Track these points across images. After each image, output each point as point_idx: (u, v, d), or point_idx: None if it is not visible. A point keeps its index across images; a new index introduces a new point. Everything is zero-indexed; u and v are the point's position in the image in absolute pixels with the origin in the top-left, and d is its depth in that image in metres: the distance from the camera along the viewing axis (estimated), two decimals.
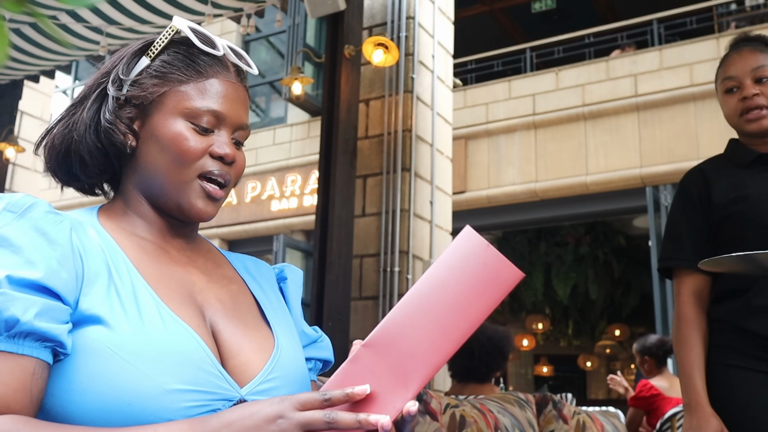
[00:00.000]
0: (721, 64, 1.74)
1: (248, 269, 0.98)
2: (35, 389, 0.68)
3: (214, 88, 0.87)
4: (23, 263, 0.70)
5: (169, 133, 0.85)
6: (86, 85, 0.92)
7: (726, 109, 1.72)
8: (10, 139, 5.25)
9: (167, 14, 4.25)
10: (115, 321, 0.74)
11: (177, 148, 0.84)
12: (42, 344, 0.69)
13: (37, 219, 0.75)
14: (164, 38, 0.88)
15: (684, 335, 1.64)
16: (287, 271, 1.04)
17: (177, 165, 0.85)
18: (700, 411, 1.57)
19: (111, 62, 0.91)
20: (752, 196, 1.61)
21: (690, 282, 1.67)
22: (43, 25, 4.01)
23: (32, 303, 0.68)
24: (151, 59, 0.87)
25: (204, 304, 0.85)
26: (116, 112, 0.86)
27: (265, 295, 0.96)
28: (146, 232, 0.88)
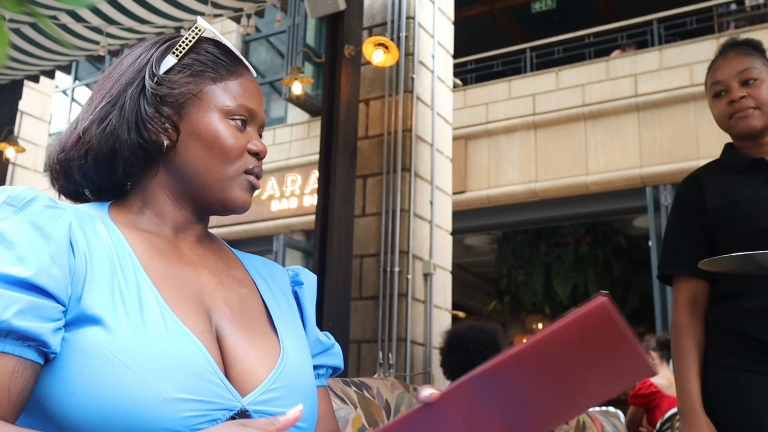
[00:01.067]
0: (709, 69, 1.77)
1: (259, 271, 0.97)
2: (14, 388, 0.67)
3: (243, 86, 0.90)
4: (14, 259, 0.69)
5: (212, 131, 0.86)
6: (113, 85, 0.89)
7: (715, 113, 1.74)
8: (10, 139, 5.25)
9: (167, 14, 4.25)
10: (117, 323, 0.72)
11: (221, 146, 0.86)
12: (24, 343, 0.67)
13: (35, 213, 0.73)
14: (191, 38, 0.89)
15: (680, 342, 1.67)
16: (303, 275, 1.02)
17: (221, 161, 0.86)
18: (693, 417, 1.59)
19: (138, 62, 0.89)
20: (744, 201, 1.63)
21: (687, 288, 1.70)
22: (43, 25, 4.01)
23: (14, 300, 0.67)
24: (179, 58, 0.88)
25: (212, 307, 0.83)
26: (159, 109, 0.86)
27: (275, 299, 0.94)
28: (160, 229, 0.87)
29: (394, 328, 4.10)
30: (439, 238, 4.58)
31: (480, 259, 10.95)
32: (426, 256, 4.39)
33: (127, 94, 0.86)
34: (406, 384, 1.67)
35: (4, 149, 5.26)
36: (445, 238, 4.68)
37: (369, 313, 4.17)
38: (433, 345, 4.24)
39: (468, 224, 8.07)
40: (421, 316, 4.28)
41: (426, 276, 4.36)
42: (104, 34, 4.37)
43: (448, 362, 3.29)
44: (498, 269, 10.47)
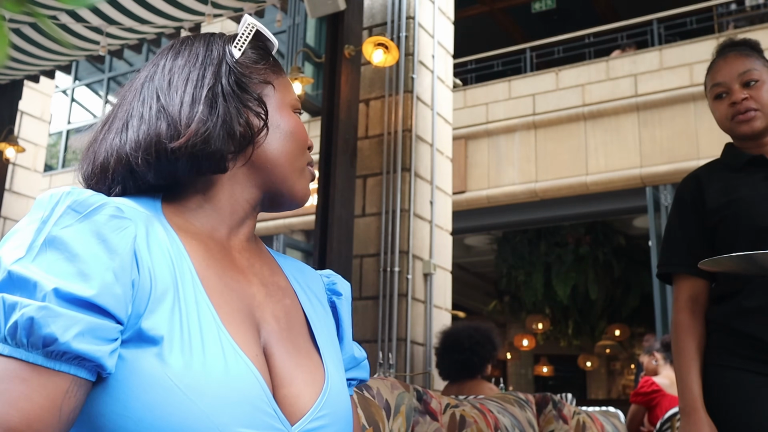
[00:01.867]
0: (709, 71, 1.76)
1: (297, 278, 0.94)
2: (66, 407, 0.64)
3: (289, 82, 0.93)
4: (76, 275, 0.65)
5: (291, 123, 0.89)
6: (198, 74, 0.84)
7: (717, 115, 1.74)
8: (10, 139, 5.25)
9: (167, 14, 4.25)
10: (176, 346, 0.70)
11: (300, 137, 0.89)
12: (80, 363, 0.65)
13: (101, 223, 0.69)
14: (248, 33, 0.89)
15: (680, 341, 1.68)
16: (340, 285, 0.99)
17: (299, 153, 0.89)
18: (694, 416, 1.59)
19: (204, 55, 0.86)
20: (743, 199, 1.63)
21: (687, 287, 1.70)
22: (43, 25, 4.01)
23: (75, 322, 0.64)
24: (242, 52, 0.88)
25: (261, 321, 0.81)
26: (251, 95, 0.86)
27: (314, 310, 0.92)
28: (215, 228, 0.84)
29: (394, 328, 4.10)
30: (439, 238, 4.58)
31: (480, 259, 10.95)
32: (426, 256, 4.39)
33: (223, 81, 0.83)
34: (406, 384, 1.67)
35: (4, 149, 5.26)
36: (445, 238, 4.68)
37: (369, 313, 4.17)
38: (433, 345, 4.24)
39: (468, 224, 8.07)
40: (421, 316, 4.28)
41: (426, 276, 4.36)
42: (104, 34, 4.37)
43: (444, 362, 3.29)
44: (498, 269, 10.47)
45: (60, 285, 0.64)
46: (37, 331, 0.62)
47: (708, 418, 1.58)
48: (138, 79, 0.87)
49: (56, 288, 0.64)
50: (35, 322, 0.62)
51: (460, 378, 3.18)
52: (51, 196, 0.70)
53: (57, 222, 0.68)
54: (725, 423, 1.58)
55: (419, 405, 1.69)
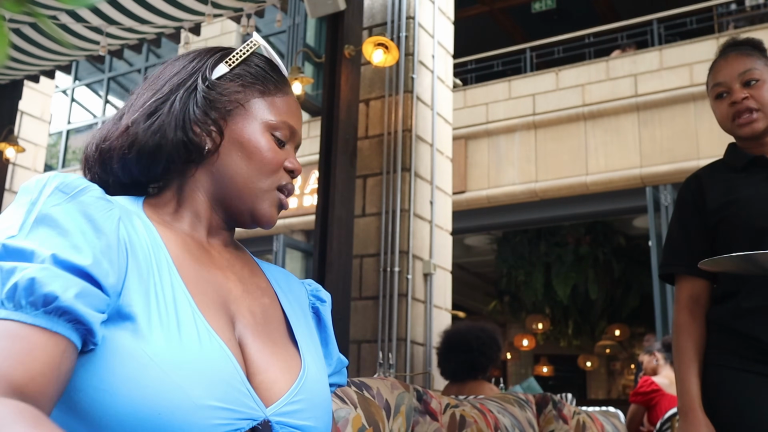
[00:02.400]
0: (710, 71, 1.77)
1: (280, 283, 0.97)
2: (64, 368, 0.66)
3: (287, 104, 0.92)
4: (70, 247, 0.69)
5: (255, 142, 0.88)
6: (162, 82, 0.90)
7: (718, 114, 1.74)
8: (10, 139, 5.25)
9: (167, 14, 4.25)
10: (152, 324, 0.72)
11: (261, 158, 0.88)
12: (75, 326, 0.67)
13: (88, 204, 0.73)
14: (246, 50, 0.91)
15: (680, 341, 1.68)
16: (323, 293, 1.03)
17: (258, 174, 0.88)
18: (692, 416, 1.60)
19: (191, 65, 0.90)
20: (743, 199, 1.63)
21: (688, 287, 1.71)
22: (43, 25, 4.01)
23: (74, 283, 0.67)
24: (231, 68, 0.90)
25: (236, 314, 0.84)
26: (207, 112, 0.87)
27: (294, 312, 0.94)
28: (195, 230, 0.88)
29: (394, 328, 4.10)
30: (439, 238, 4.58)
31: (480, 259, 10.95)
32: (426, 256, 4.39)
33: (178, 94, 0.87)
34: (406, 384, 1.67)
35: (4, 149, 5.26)
36: (445, 238, 4.68)
37: (369, 313, 4.17)
38: (433, 345, 4.24)
39: (468, 224, 8.07)
40: (421, 316, 4.28)
41: (426, 276, 4.36)
42: (104, 34, 4.37)
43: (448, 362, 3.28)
44: (498, 269, 10.47)
45: (57, 252, 0.67)
46: (38, 290, 0.64)
47: (705, 419, 1.59)
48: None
49: (54, 254, 0.67)
50: (36, 281, 0.64)
51: (465, 378, 3.19)
52: (37, 181, 0.73)
53: (46, 201, 0.71)
54: (724, 423, 1.58)
55: (419, 405, 1.70)
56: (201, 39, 5.29)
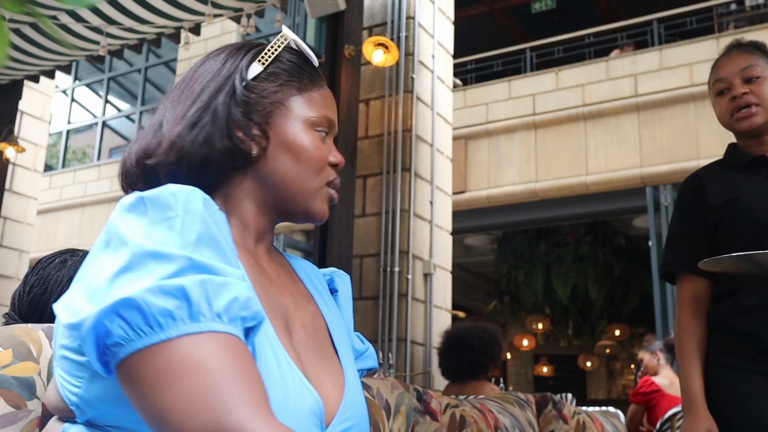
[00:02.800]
0: (712, 68, 1.77)
1: (310, 279, 0.95)
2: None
3: (324, 97, 0.90)
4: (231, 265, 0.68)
5: (300, 141, 0.86)
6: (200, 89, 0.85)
7: (718, 110, 1.75)
8: (10, 139, 5.25)
9: (167, 14, 4.25)
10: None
11: (309, 157, 0.86)
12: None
13: (220, 224, 0.70)
14: (276, 47, 0.88)
15: (682, 340, 1.69)
16: (337, 281, 1.01)
17: (308, 173, 0.86)
18: (694, 413, 1.61)
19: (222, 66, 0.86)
20: (744, 198, 1.63)
21: (689, 286, 1.71)
22: (43, 25, 4.01)
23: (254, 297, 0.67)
24: (265, 66, 0.86)
25: (292, 332, 0.82)
26: (249, 117, 0.84)
27: (330, 312, 0.93)
28: (245, 239, 0.86)
29: (394, 328, 4.10)
30: (439, 238, 4.58)
31: (480, 259, 10.95)
32: (426, 256, 4.39)
33: (219, 100, 0.84)
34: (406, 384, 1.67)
35: (4, 149, 5.26)
36: (445, 238, 4.68)
37: (369, 313, 4.17)
38: (433, 345, 4.24)
39: (468, 224, 8.07)
40: (421, 316, 4.28)
41: (426, 276, 4.36)
42: (104, 34, 4.37)
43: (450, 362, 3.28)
44: (498, 269, 10.47)
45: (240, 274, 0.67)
46: (252, 306, 0.65)
47: (708, 416, 1.59)
48: (175, 81, 0.90)
49: (243, 276, 0.67)
50: (250, 297, 0.65)
51: (466, 378, 3.18)
52: (175, 194, 0.69)
53: (202, 219, 0.68)
54: (726, 422, 1.59)
55: (419, 405, 1.70)
56: (201, 39, 5.29)
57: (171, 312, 0.60)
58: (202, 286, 0.62)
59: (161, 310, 0.60)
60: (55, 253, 1.54)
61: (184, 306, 0.61)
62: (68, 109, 12.18)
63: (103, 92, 11.80)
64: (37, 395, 0.87)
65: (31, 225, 6.37)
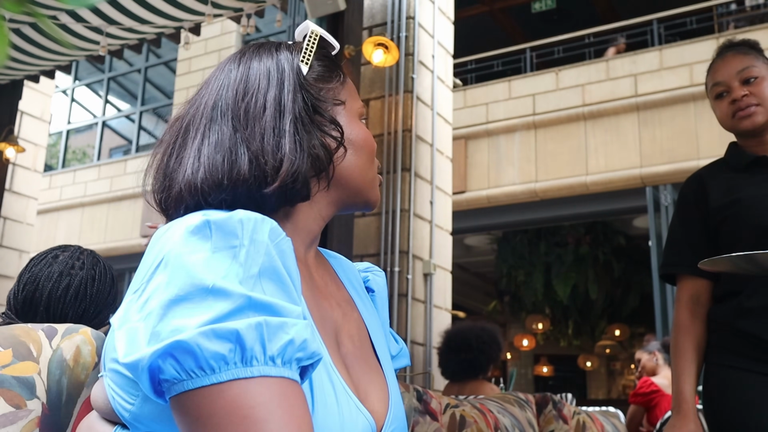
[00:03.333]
0: (708, 72, 1.78)
1: (349, 280, 0.93)
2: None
3: (354, 85, 0.91)
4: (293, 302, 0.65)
5: (361, 134, 0.87)
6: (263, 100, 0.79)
7: (718, 113, 1.75)
8: (10, 139, 5.25)
9: (167, 14, 4.25)
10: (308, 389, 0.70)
11: (369, 147, 0.87)
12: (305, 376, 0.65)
13: (287, 254, 0.67)
14: (312, 44, 0.85)
15: (678, 340, 1.69)
16: (373, 279, 0.99)
17: (369, 163, 0.88)
18: (682, 414, 1.62)
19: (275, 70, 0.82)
20: (746, 199, 1.63)
21: (689, 287, 1.71)
22: (43, 25, 4.01)
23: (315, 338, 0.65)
24: (309, 67, 0.84)
25: (340, 345, 0.81)
26: (325, 117, 0.83)
27: (370, 315, 0.91)
28: (296, 248, 0.80)
29: (394, 327, 4.10)
30: (439, 238, 4.58)
31: (480, 259, 10.95)
32: (426, 256, 4.39)
33: (300, 109, 0.79)
34: (406, 384, 1.67)
35: (4, 149, 5.26)
36: (445, 238, 4.68)
37: None
38: (433, 345, 4.24)
39: (468, 224, 8.07)
40: (421, 316, 4.28)
41: (426, 276, 4.36)
42: (104, 34, 4.37)
43: (449, 361, 3.28)
44: (498, 269, 10.47)
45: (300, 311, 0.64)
46: (308, 347, 0.62)
47: (696, 418, 1.60)
48: (207, 91, 0.82)
49: (302, 313, 0.64)
50: (308, 338, 0.62)
51: (465, 378, 3.18)
52: (242, 222, 0.65)
53: (266, 251, 0.65)
54: (726, 423, 1.58)
55: (419, 405, 1.70)
56: (201, 39, 5.29)
57: (224, 356, 0.59)
58: (257, 329, 0.60)
59: (214, 354, 0.59)
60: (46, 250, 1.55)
61: (238, 350, 0.59)
62: (68, 109, 12.18)
63: (103, 92, 11.80)
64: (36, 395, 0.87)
65: (31, 225, 6.37)
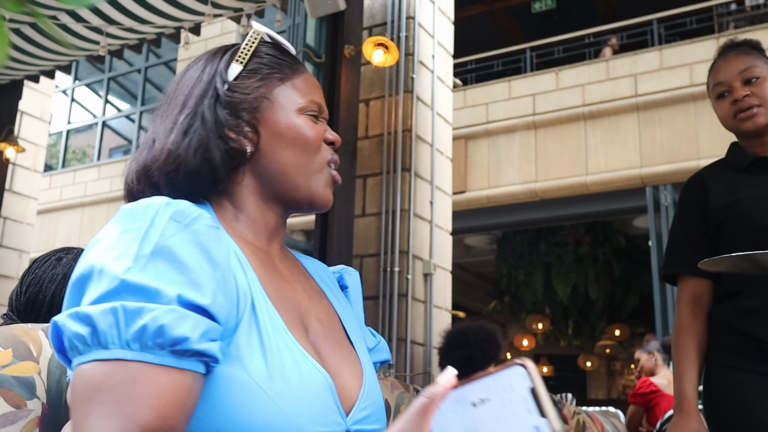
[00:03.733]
0: (710, 72, 1.77)
1: (322, 278, 0.98)
2: (190, 402, 0.67)
3: (308, 82, 0.92)
4: (191, 284, 0.68)
5: (293, 127, 0.88)
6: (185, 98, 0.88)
7: (720, 113, 1.74)
8: (10, 139, 5.25)
9: (167, 14, 4.25)
10: (258, 352, 0.73)
11: (305, 140, 0.88)
12: (200, 359, 0.68)
13: (202, 234, 0.72)
14: (251, 44, 0.90)
15: (679, 340, 1.69)
16: (347, 277, 1.03)
17: (307, 156, 0.88)
18: (684, 413, 1.61)
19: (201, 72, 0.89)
20: (746, 199, 1.63)
21: (690, 287, 1.71)
22: (43, 25, 4.01)
23: (199, 323, 0.67)
24: (244, 65, 0.89)
25: (308, 325, 0.85)
26: (236, 116, 0.86)
27: (341, 306, 0.96)
28: (257, 237, 0.87)
29: (394, 328, 4.10)
30: (439, 238, 4.57)
31: (480, 259, 10.95)
32: (426, 256, 4.39)
33: (205, 105, 0.86)
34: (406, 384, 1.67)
35: (4, 149, 5.26)
36: (445, 238, 4.68)
37: (369, 313, 4.17)
38: (433, 345, 4.24)
39: (468, 224, 8.07)
40: (421, 316, 4.28)
41: (426, 276, 4.36)
42: (104, 34, 4.36)
43: (447, 360, 3.28)
44: (498, 269, 10.47)
45: (182, 292, 0.67)
46: (167, 333, 0.65)
47: (699, 417, 1.59)
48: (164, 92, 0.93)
49: (179, 295, 0.67)
50: (166, 326, 0.65)
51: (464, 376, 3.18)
52: (148, 206, 0.72)
53: (162, 232, 0.70)
54: (727, 424, 1.58)
55: None
56: (201, 39, 5.29)
57: (84, 337, 0.64)
58: (113, 313, 0.64)
59: (75, 335, 0.65)
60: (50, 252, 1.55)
61: (94, 333, 0.64)
62: (68, 109, 12.17)
63: (103, 92, 11.80)
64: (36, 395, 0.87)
65: (31, 225, 6.37)
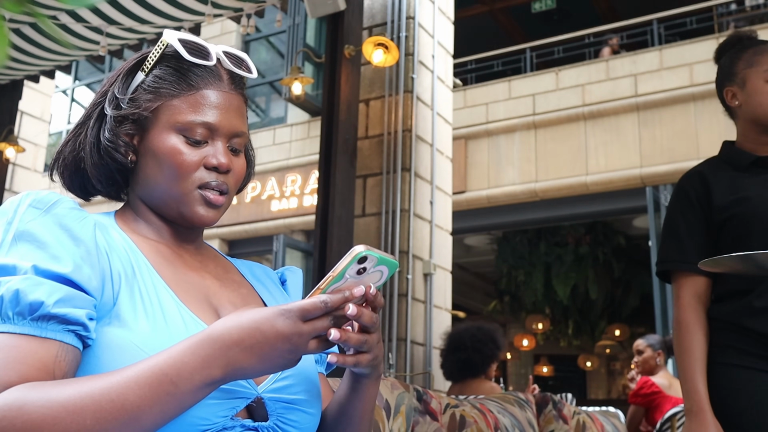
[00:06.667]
0: (759, 54, 1.70)
1: (255, 274, 1.02)
2: (58, 372, 0.70)
3: (206, 100, 0.88)
4: (49, 258, 0.73)
5: (164, 148, 0.87)
6: (88, 105, 0.95)
7: (764, 99, 1.67)
8: (10, 139, 5.25)
9: (167, 14, 4.24)
10: (139, 319, 0.77)
11: (172, 162, 0.87)
12: (65, 327, 0.71)
13: (62, 215, 0.77)
14: (156, 53, 0.90)
15: (685, 340, 1.64)
16: (287, 273, 1.09)
17: (174, 178, 0.88)
18: (701, 416, 1.56)
19: (108, 81, 0.94)
20: (754, 198, 1.61)
21: (690, 285, 1.67)
22: (43, 25, 4.01)
23: (57, 289, 0.71)
24: (146, 74, 0.90)
25: (219, 307, 0.88)
26: (115, 130, 0.89)
27: (273, 298, 1.00)
28: (161, 237, 0.92)
29: (394, 328, 4.10)
30: (439, 238, 4.57)
31: (480, 259, 10.95)
32: (426, 256, 4.39)
33: (93, 117, 0.92)
34: (406, 384, 1.67)
35: (4, 149, 5.26)
36: (445, 238, 4.68)
37: None
38: (433, 345, 4.24)
39: (468, 224, 8.07)
40: (421, 316, 4.28)
41: (426, 276, 4.36)
42: (104, 34, 4.36)
43: (447, 362, 3.29)
44: (498, 269, 10.47)
45: (37, 263, 0.71)
46: (23, 300, 0.69)
47: (714, 419, 1.55)
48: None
49: (34, 265, 0.71)
50: (20, 292, 0.69)
51: (463, 377, 3.18)
52: (11, 201, 0.78)
53: (21, 219, 0.75)
54: (737, 424, 1.55)
55: (419, 405, 1.70)
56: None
57: None
58: None
59: None
60: None
61: None
62: (68, 109, 12.17)
63: None
64: None
65: None
